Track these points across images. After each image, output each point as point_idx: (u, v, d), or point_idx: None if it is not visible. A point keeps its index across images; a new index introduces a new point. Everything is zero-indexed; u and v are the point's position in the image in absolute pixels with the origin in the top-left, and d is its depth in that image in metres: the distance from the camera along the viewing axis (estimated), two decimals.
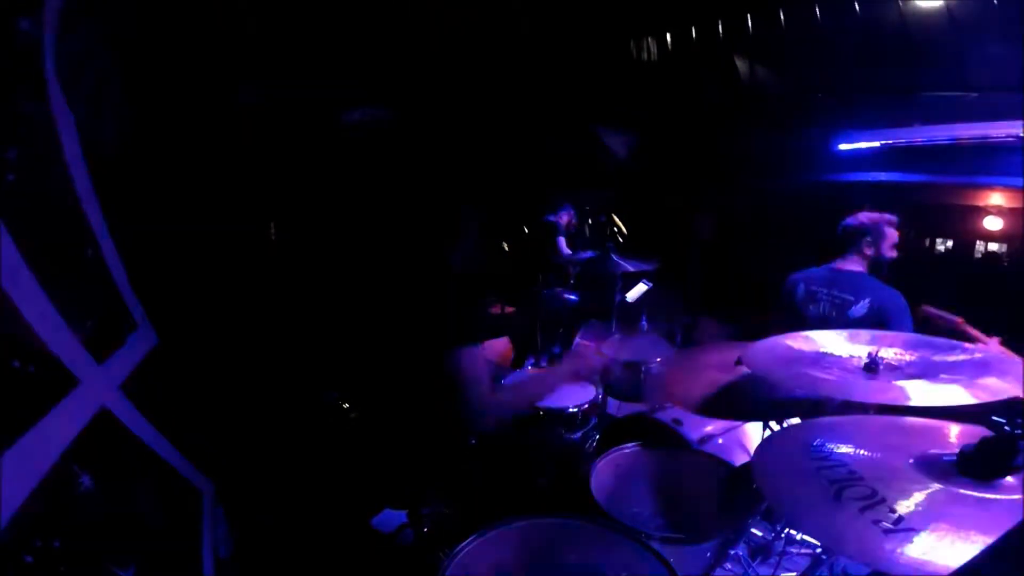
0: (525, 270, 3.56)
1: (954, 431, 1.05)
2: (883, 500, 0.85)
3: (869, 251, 2.39)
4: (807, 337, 1.60)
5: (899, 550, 0.75)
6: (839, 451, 1.00)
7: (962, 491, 0.85)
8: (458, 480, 1.61)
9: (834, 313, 2.33)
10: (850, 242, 2.41)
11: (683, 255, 5.16)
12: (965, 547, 0.73)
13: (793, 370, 1.40)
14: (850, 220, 2.44)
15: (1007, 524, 0.74)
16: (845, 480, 0.91)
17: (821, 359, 1.48)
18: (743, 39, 4.52)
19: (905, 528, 0.78)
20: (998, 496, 0.83)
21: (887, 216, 2.41)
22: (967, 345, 1.49)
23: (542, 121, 4.77)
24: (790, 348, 1.54)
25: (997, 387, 1.17)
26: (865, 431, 1.09)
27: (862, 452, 0.99)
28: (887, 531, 0.78)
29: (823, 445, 1.03)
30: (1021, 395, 1.15)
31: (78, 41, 1.24)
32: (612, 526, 1.25)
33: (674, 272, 4.04)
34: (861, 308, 2.26)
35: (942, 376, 1.29)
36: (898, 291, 2.25)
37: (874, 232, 2.38)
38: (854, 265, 2.39)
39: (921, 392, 1.21)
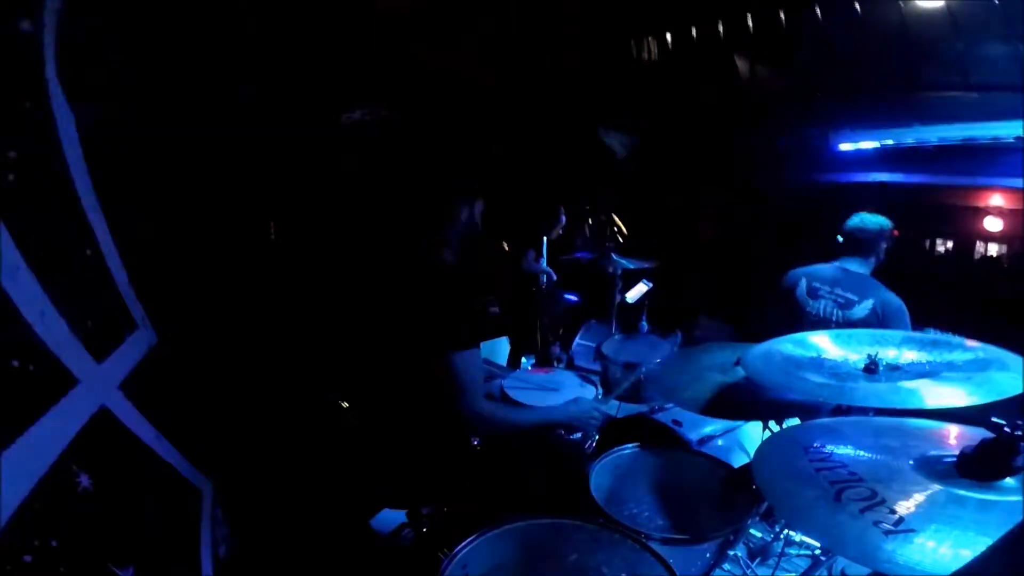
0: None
1: (954, 432, 1.05)
2: (883, 501, 0.85)
3: (882, 255, 2.40)
4: (804, 340, 1.60)
5: (899, 551, 0.75)
6: (839, 452, 1.00)
7: (962, 492, 0.85)
8: (458, 480, 1.61)
9: (836, 312, 2.34)
10: (866, 245, 2.39)
11: (683, 255, 5.16)
12: (965, 548, 0.73)
13: (791, 375, 1.40)
14: (867, 223, 2.41)
15: (1007, 525, 0.74)
16: (845, 481, 0.91)
17: (819, 363, 1.48)
18: (743, 39, 4.52)
19: (905, 529, 0.78)
20: (998, 498, 0.83)
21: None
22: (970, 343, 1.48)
23: (542, 120, 4.77)
24: (787, 353, 1.54)
25: (1000, 385, 1.16)
26: (865, 432, 1.09)
27: (862, 453, 0.99)
28: (887, 532, 0.78)
29: (823, 446, 1.03)
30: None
31: (78, 41, 1.24)
32: (612, 526, 1.25)
33: (674, 272, 4.04)
34: (863, 309, 2.27)
35: (944, 375, 1.28)
36: (899, 296, 2.26)
37: (888, 236, 2.40)
38: (860, 267, 2.40)
39: (922, 394, 1.20)
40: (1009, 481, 0.85)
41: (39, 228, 1.00)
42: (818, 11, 4.06)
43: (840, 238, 2.46)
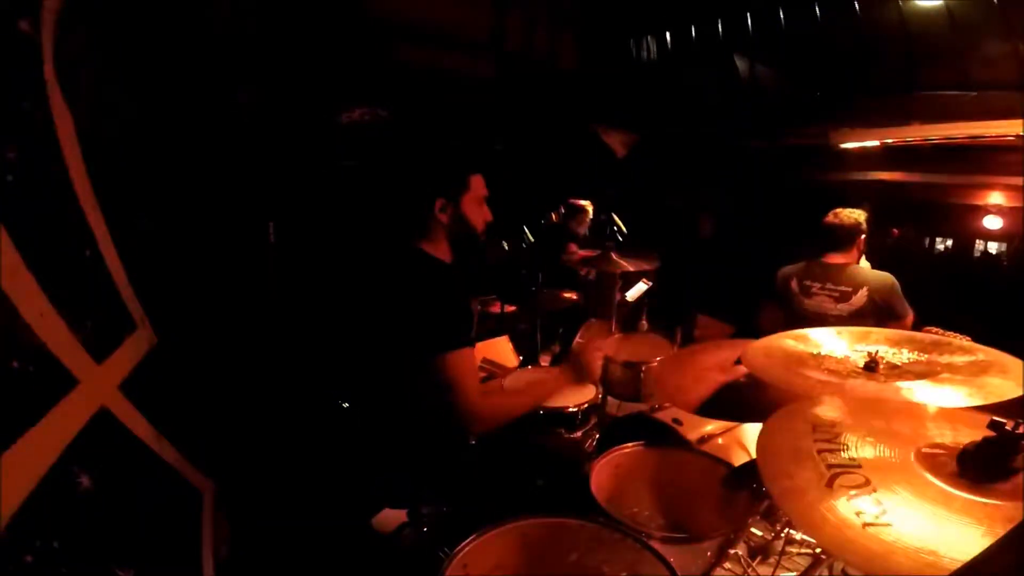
0: (525, 269, 3.55)
1: (962, 424, 1.03)
2: (874, 490, 0.83)
3: (863, 246, 2.50)
4: (806, 336, 1.59)
5: (874, 543, 0.74)
6: (845, 435, 0.98)
7: (961, 491, 0.84)
8: (458, 479, 1.61)
9: (834, 305, 2.39)
10: (845, 239, 2.49)
11: (683, 255, 5.16)
12: (962, 547, 0.73)
13: (792, 371, 1.39)
14: (842, 217, 2.50)
15: (1007, 526, 0.73)
16: (843, 466, 0.89)
17: (820, 359, 1.47)
18: (743, 38, 4.53)
19: (884, 523, 0.77)
20: (998, 501, 0.82)
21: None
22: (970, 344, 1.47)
23: (542, 120, 4.77)
24: (788, 348, 1.54)
25: (1000, 388, 1.16)
26: (876, 416, 1.07)
27: (869, 439, 0.97)
28: (866, 525, 0.77)
29: (831, 427, 1.01)
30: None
31: (77, 41, 1.24)
32: (612, 526, 1.25)
33: (674, 272, 4.04)
34: (860, 298, 2.35)
35: (944, 377, 1.28)
36: (887, 272, 2.36)
37: (865, 229, 2.50)
38: (845, 258, 2.48)
39: (920, 396, 1.19)
40: (1008, 484, 0.84)
41: (39, 228, 1.00)
42: (818, 11, 4.06)
43: (820, 234, 2.55)
